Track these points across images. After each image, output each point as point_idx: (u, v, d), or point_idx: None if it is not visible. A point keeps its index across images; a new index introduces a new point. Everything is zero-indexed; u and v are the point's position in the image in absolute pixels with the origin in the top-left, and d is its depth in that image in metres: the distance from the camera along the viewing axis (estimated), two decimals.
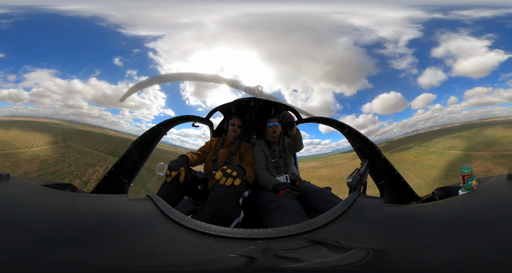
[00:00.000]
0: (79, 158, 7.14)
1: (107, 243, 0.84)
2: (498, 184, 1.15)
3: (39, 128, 7.66)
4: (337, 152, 6.72)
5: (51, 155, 7.35)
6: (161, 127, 2.57)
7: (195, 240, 0.90)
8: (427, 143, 7.74)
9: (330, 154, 6.76)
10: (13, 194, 1.04)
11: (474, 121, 7.96)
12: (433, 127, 7.67)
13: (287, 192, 1.98)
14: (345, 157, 6.90)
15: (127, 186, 2.33)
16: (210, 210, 1.67)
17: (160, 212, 1.03)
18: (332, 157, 6.90)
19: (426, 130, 7.68)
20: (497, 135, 8.04)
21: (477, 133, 8.10)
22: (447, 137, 7.99)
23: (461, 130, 8.11)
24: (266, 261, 0.79)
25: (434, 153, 7.43)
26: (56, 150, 7.52)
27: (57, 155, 7.29)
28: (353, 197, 1.11)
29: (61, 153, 7.37)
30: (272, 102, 2.92)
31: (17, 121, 7.34)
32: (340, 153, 6.84)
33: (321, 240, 0.88)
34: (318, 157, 6.49)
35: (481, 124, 8.03)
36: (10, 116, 7.00)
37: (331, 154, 6.76)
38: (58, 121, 7.34)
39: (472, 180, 1.25)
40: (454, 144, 7.84)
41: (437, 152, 7.44)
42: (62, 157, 7.03)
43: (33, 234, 0.82)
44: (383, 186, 2.32)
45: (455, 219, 0.96)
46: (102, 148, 7.40)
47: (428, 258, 0.79)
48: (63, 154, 7.30)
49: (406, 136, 7.44)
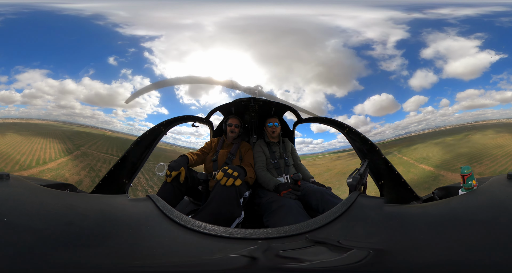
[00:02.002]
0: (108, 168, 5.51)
1: (107, 243, 0.83)
2: (498, 184, 1.15)
3: (38, 131, 6.99)
4: (327, 152, 6.65)
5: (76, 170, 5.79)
6: (161, 127, 2.57)
7: (195, 240, 0.90)
8: (407, 149, 6.83)
9: (321, 154, 6.70)
10: (13, 194, 1.04)
11: (466, 124, 7.44)
12: (425, 129, 7.37)
13: (289, 192, 1.97)
14: (329, 158, 6.74)
15: (127, 186, 2.33)
16: (211, 210, 1.67)
17: (160, 212, 1.02)
18: (318, 157, 6.83)
19: (418, 132, 7.36)
20: (487, 143, 6.83)
21: (463, 139, 7.02)
22: (430, 142, 7.05)
23: (447, 134, 7.15)
24: (267, 261, 0.79)
25: (404, 164, 6.31)
26: (77, 163, 6.03)
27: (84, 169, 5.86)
28: (353, 197, 1.11)
29: (84, 165, 6.02)
30: (272, 102, 2.92)
31: (10, 123, 6.86)
32: (329, 154, 6.74)
33: (321, 240, 0.88)
34: (307, 156, 6.41)
35: (470, 128, 7.38)
36: (3, 118, 6.69)
37: (321, 154, 6.70)
38: (53, 122, 6.96)
39: (472, 180, 1.25)
40: (431, 154, 6.66)
41: (406, 164, 6.40)
42: (92, 172, 5.81)
43: (33, 234, 0.81)
44: (383, 186, 2.32)
45: (455, 219, 0.96)
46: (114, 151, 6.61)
47: (428, 258, 0.79)
48: (89, 166, 5.97)
49: (398, 138, 7.18)
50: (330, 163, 6.40)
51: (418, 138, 6.90)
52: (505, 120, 6.79)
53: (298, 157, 2.72)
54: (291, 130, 3.14)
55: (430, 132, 6.95)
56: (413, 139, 6.88)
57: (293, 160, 2.63)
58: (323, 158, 6.67)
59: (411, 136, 6.84)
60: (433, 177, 5.88)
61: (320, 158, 6.72)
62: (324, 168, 6.30)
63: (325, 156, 6.63)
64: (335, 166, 6.28)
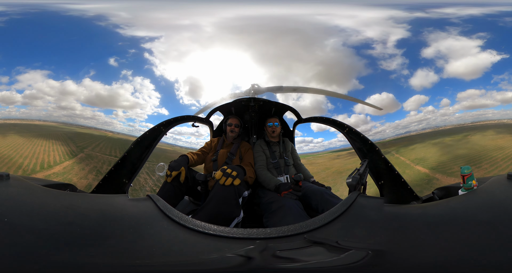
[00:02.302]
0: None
1: (107, 243, 0.84)
2: (498, 184, 1.15)
3: (39, 132, 6.84)
4: (328, 151, 6.60)
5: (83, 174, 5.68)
6: (161, 127, 2.57)
7: (195, 239, 0.90)
8: (405, 149, 6.53)
9: (321, 153, 6.66)
10: (13, 194, 1.04)
11: (466, 124, 7.25)
12: (426, 129, 7.27)
13: (290, 192, 1.97)
14: (328, 157, 6.66)
15: (127, 186, 2.33)
16: (210, 210, 1.67)
17: (160, 212, 1.03)
18: (318, 156, 6.78)
19: (419, 132, 7.24)
20: (486, 145, 6.48)
21: (462, 140, 6.70)
22: (428, 142, 6.75)
23: (446, 134, 6.83)
24: (264, 261, 0.79)
25: (400, 164, 5.90)
26: (83, 166, 5.93)
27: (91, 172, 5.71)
28: (353, 197, 1.11)
29: (90, 168, 5.90)
30: (272, 102, 2.92)
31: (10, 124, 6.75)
32: (329, 152, 6.69)
33: (320, 240, 0.88)
34: (307, 155, 6.36)
35: (470, 128, 7.14)
36: (3, 119, 6.63)
37: (322, 153, 6.66)
38: (53, 124, 6.87)
39: (472, 180, 1.25)
40: (429, 155, 6.29)
41: (402, 164, 6.08)
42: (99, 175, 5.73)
43: (33, 234, 0.82)
44: (383, 186, 2.32)
45: (454, 219, 0.96)
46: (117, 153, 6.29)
47: (428, 258, 0.79)
48: (96, 169, 5.84)
49: (398, 137, 7.06)
50: (329, 162, 6.36)
51: (417, 138, 6.77)
52: (505, 121, 6.66)
53: (298, 157, 2.72)
54: (291, 130, 3.14)
55: (429, 132, 6.85)
56: (412, 139, 6.77)
57: (293, 160, 2.63)
58: (322, 157, 6.63)
59: (411, 136, 6.75)
60: (427, 180, 5.66)
61: (320, 157, 6.69)
62: (322, 167, 6.26)
63: (325, 155, 6.59)
64: (333, 165, 6.26)
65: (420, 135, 6.77)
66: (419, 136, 6.75)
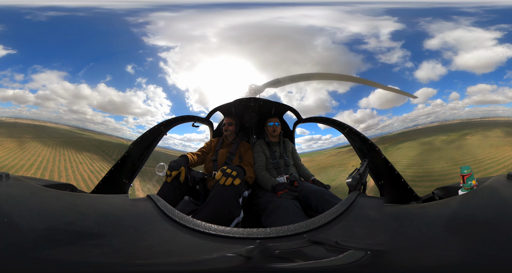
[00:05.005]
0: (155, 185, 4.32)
1: (107, 243, 0.84)
2: (498, 184, 1.14)
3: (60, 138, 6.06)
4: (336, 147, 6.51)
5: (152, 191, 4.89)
6: (161, 127, 2.57)
7: (195, 239, 0.90)
8: (392, 147, 6.25)
9: (330, 149, 6.62)
10: (13, 194, 1.04)
11: (475, 119, 6.95)
12: (434, 122, 7.11)
13: (285, 192, 1.98)
14: (329, 154, 6.55)
15: (127, 186, 2.33)
16: (210, 209, 1.68)
17: (160, 212, 1.03)
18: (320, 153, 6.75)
19: (426, 125, 7.10)
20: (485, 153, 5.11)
21: (456, 140, 5.76)
22: (418, 141, 6.06)
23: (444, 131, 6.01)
24: (263, 261, 0.80)
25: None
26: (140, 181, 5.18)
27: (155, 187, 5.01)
28: (353, 197, 1.11)
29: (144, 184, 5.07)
30: (272, 102, 2.92)
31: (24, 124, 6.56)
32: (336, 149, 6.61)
33: (319, 240, 0.88)
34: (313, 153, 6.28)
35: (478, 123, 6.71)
36: (14, 117, 6.58)
37: (331, 149, 6.62)
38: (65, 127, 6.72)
39: (471, 180, 1.25)
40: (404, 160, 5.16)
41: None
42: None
43: (33, 234, 0.82)
44: (383, 186, 2.32)
45: (454, 219, 0.96)
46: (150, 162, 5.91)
47: (428, 258, 0.79)
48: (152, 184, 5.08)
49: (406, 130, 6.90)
50: (326, 159, 6.29)
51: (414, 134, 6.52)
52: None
53: (299, 157, 2.72)
54: (291, 130, 3.14)
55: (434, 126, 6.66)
56: (408, 135, 6.56)
57: (294, 160, 2.63)
58: (324, 154, 6.59)
59: (409, 131, 6.53)
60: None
61: (322, 154, 6.65)
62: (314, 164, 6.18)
63: (327, 152, 6.55)
64: (324, 162, 6.17)
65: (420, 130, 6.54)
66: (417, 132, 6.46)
